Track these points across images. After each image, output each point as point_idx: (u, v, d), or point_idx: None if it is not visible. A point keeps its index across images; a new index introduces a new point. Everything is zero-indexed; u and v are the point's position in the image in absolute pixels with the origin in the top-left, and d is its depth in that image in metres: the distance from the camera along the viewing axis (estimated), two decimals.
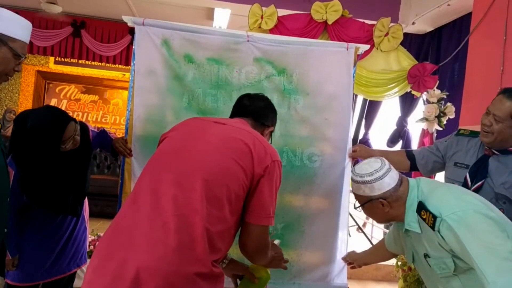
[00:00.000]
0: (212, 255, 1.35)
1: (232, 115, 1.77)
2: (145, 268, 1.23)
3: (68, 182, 2.18)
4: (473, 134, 2.07)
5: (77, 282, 2.42)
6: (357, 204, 1.66)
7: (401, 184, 1.57)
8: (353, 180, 1.63)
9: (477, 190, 1.87)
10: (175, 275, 1.25)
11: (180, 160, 1.42)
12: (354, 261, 2.34)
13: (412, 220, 1.54)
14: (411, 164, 2.32)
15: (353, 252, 2.39)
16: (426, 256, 1.53)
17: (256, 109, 1.72)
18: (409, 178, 1.62)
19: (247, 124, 1.65)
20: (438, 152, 2.21)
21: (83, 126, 2.30)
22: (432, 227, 1.43)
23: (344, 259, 2.42)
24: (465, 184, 1.94)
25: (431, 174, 2.27)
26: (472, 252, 1.34)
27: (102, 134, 2.47)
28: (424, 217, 1.47)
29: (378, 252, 2.20)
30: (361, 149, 2.53)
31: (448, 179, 2.09)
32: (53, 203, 2.12)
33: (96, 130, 2.49)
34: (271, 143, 1.70)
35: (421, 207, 1.50)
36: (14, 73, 1.62)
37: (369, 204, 1.59)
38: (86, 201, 2.47)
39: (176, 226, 1.28)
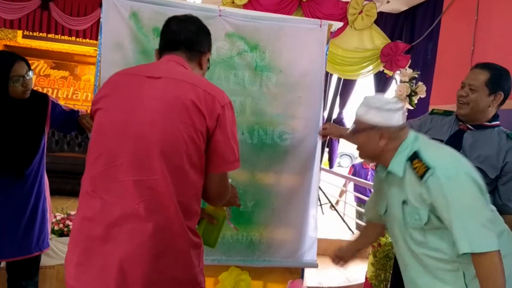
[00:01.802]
0: (191, 221, 1.35)
1: (163, 48, 1.53)
2: (127, 258, 1.23)
3: (14, 135, 2.11)
4: (447, 113, 2.12)
5: None
6: (352, 129, 1.65)
7: (403, 128, 1.59)
8: (365, 104, 1.59)
9: None
10: (158, 258, 1.26)
11: (129, 139, 1.30)
12: (342, 256, 2.17)
13: (397, 164, 1.55)
14: None
15: (338, 250, 2.23)
16: (404, 202, 1.55)
17: (188, 37, 1.50)
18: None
19: (182, 63, 1.47)
20: (411, 128, 2.22)
21: (44, 95, 2.30)
22: (421, 177, 1.46)
23: (333, 260, 2.25)
24: None
25: None
26: (454, 210, 1.39)
27: (70, 111, 2.41)
28: (415, 166, 1.50)
29: (363, 235, 2.18)
30: (331, 127, 2.52)
31: None
32: None
33: (66, 108, 2.42)
34: (208, 68, 1.61)
35: (416, 156, 1.51)
36: None
37: (367, 132, 1.58)
38: (46, 180, 2.37)
39: (147, 211, 1.26)
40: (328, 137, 5.95)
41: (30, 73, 2.18)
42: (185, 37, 1.50)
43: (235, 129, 1.43)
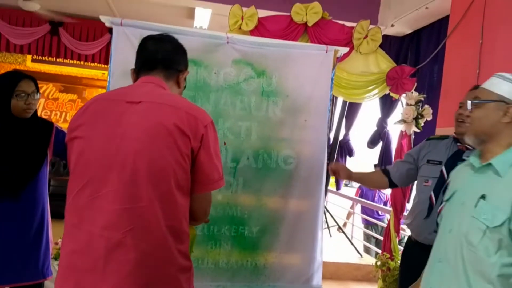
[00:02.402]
0: (182, 244, 1.34)
1: (140, 68, 1.50)
2: None
3: (12, 154, 2.10)
4: (443, 137, 2.20)
5: None
6: (473, 100, 1.48)
7: None
8: (498, 76, 1.47)
9: None
10: (147, 287, 1.25)
11: (114, 169, 1.28)
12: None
13: (504, 163, 1.40)
14: (388, 180, 2.35)
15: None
16: (482, 197, 1.40)
17: (165, 56, 1.48)
18: None
19: (160, 83, 1.45)
20: (410, 157, 2.26)
21: (49, 122, 2.31)
22: None
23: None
24: (441, 178, 2.01)
25: (408, 184, 2.27)
26: None
27: None
28: None
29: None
30: (339, 167, 2.45)
31: (422, 177, 2.14)
32: None
33: None
34: (185, 87, 1.59)
35: None
36: None
37: (491, 105, 1.44)
38: (48, 208, 2.37)
39: (134, 240, 1.25)
40: (335, 159, 5.99)
41: (37, 94, 2.19)
42: (162, 56, 1.48)
43: (218, 148, 1.42)
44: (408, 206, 2.55)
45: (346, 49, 2.80)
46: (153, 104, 1.34)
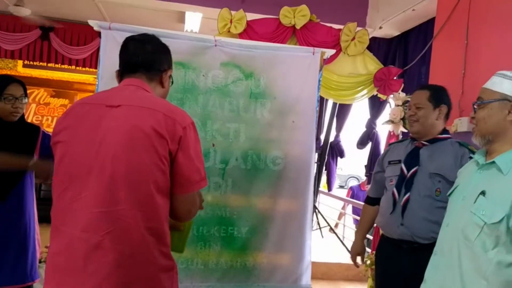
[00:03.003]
0: (165, 245, 1.37)
1: (123, 70, 1.51)
2: None
3: None
4: (402, 140, 2.34)
5: None
6: (476, 102, 1.48)
7: None
8: (499, 75, 1.47)
9: (413, 176, 2.05)
10: (127, 287, 1.28)
11: (92, 173, 1.30)
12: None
13: (507, 161, 1.39)
14: (372, 201, 2.40)
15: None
16: (482, 193, 1.39)
17: (146, 58, 1.47)
18: None
19: (142, 85, 1.45)
20: (379, 162, 2.35)
21: (36, 126, 2.33)
22: None
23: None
24: (401, 174, 2.09)
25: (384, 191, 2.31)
26: None
27: None
28: None
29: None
30: (355, 252, 2.44)
31: (388, 178, 2.21)
32: None
33: None
34: (172, 83, 1.59)
35: None
36: None
37: (495, 104, 1.43)
38: (35, 211, 2.38)
39: (112, 242, 1.27)
40: (326, 160, 6.03)
41: (25, 99, 2.21)
42: (143, 58, 1.47)
43: (199, 148, 1.42)
44: None
45: (332, 51, 2.84)
46: (131, 108, 1.35)
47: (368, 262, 3.35)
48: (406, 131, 3.58)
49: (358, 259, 2.42)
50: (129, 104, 1.36)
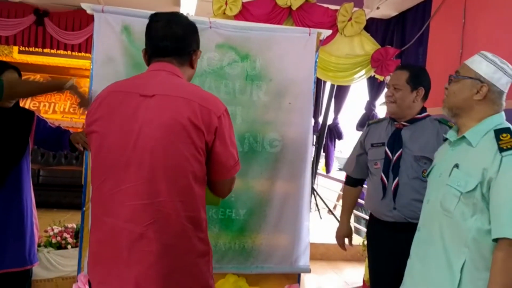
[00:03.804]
0: (202, 231, 1.40)
1: (151, 53, 1.47)
2: (141, 278, 1.28)
3: None
4: (380, 120, 2.32)
5: None
6: (453, 75, 1.56)
7: (502, 100, 1.53)
8: (481, 55, 1.53)
9: (398, 159, 2.05)
10: (169, 275, 1.31)
11: (131, 166, 1.31)
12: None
13: (476, 134, 1.48)
14: (354, 182, 2.40)
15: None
16: (456, 166, 1.49)
17: (176, 43, 1.44)
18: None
19: (174, 70, 1.43)
20: (358, 142, 2.34)
21: (31, 112, 2.33)
22: (502, 150, 1.39)
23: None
24: (386, 157, 2.10)
25: (366, 172, 2.29)
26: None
27: (58, 129, 2.43)
28: (503, 138, 1.42)
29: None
30: (342, 234, 2.45)
31: (371, 161, 2.21)
32: None
33: (53, 125, 2.44)
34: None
35: (508, 131, 1.44)
36: None
37: (468, 81, 1.51)
38: (32, 195, 2.39)
39: (155, 233, 1.30)
40: (324, 142, 6.03)
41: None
42: (173, 44, 1.43)
43: (233, 134, 1.45)
44: None
45: (329, 32, 2.80)
46: (166, 98, 1.34)
47: (366, 242, 3.37)
48: None
49: (346, 241, 2.43)
50: (163, 94, 1.35)
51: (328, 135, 6.06)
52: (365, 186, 2.39)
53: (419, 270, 1.57)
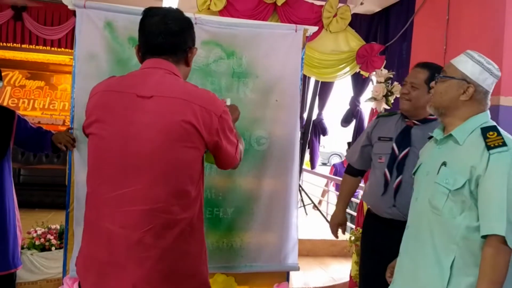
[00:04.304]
0: (197, 232, 1.40)
1: (146, 51, 1.42)
2: (139, 282, 1.27)
3: None
4: (392, 113, 2.29)
5: None
6: (439, 75, 1.57)
7: (487, 99, 1.53)
8: (467, 54, 1.53)
9: (404, 157, 2.04)
10: (168, 277, 1.31)
11: (130, 170, 1.28)
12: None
13: (463, 132, 1.49)
14: (355, 172, 2.38)
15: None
16: (444, 164, 1.49)
17: (172, 41, 1.38)
18: None
19: (171, 68, 1.38)
20: (365, 133, 2.32)
21: (11, 111, 2.29)
22: (490, 148, 1.40)
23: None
24: (393, 154, 2.08)
25: (369, 164, 2.28)
26: (503, 191, 1.34)
27: (39, 130, 2.36)
28: (490, 136, 1.43)
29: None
30: (337, 221, 2.46)
31: (376, 155, 2.20)
32: None
33: (34, 126, 2.38)
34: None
35: (494, 129, 1.45)
36: None
37: (454, 81, 1.51)
38: (14, 197, 2.32)
39: (153, 238, 1.28)
40: (309, 138, 6.04)
41: (0, 83, 2.16)
42: (168, 40, 1.38)
43: (231, 125, 1.45)
44: None
45: (315, 28, 2.79)
46: (165, 99, 1.30)
47: (353, 238, 3.39)
48: (388, 108, 3.59)
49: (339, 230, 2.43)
50: (162, 95, 1.31)
51: (312, 131, 6.07)
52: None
53: (409, 267, 1.59)
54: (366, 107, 4.94)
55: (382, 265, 2.01)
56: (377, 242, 2.13)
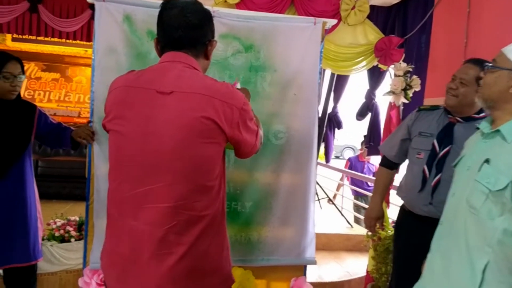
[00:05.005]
0: (220, 226, 1.41)
1: (165, 45, 1.40)
2: (163, 278, 1.28)
3: None
4: (434, 107, 2.18)
5: None
6: (489, 64, 1.46)
7: None
8: None
9: (445, 155, 1.98)
10: (191, 274, 1.31)
11: (151, 167, 1.28)
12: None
13: None
14: (391, 165, 2.37)
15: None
16: (487, 161, 1.39)
17: (192, 34, 1.36)
18: None
19: (190, 62, 1.36)
20: (404, 125, 2.27)
21: (32, 105, 2.32)
22: None
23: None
24: (433, 150, 2.03)
25: (406, 157, 2.25)
26: None
27: (59, 125, 2.38)
28: None
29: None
30: (374, 215, 2.44)
31: (414, 150, 2.15)
32: None
33: (54, 121, 2.40)
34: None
35: None
36: None
37: (505, 73, 1.40)
38: (36, 190, 2.35)
39: (176, 235, 1.29)
40: (324, 131, 6.01)
41: (22, 76, 2.20)
42: (187, 34, 1.35)
43: (251, 114, 1.44)
44: (398, 176, 2.58)
45: (334, 21, 2.75)
46: (185, 95, 1.28)
47: (370, 233, 3.37)
48: (407, 102, 3.55)
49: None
50: (181, 91, 1.28)
51: (327, 124, 6.03)
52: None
53: (440, 265, 1.51)
54: (381, 100, 4.90)
55: (414, 262, 1.98)
56: (411, 239, 2.10)
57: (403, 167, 2.36)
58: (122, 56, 2.37)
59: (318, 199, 5.63)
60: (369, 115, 4.97)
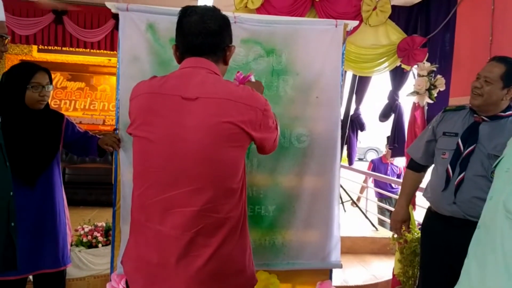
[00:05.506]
0: (243, 227, 1.43)
1: (185, 51, 1.41)
2: (190, 282, 1.30)
3: (27, 144, 2.14)
4: (459, 107, 2.17)
5: None
6: None
7: None
8: None
9: (469, 154, 1.96)
10: (216, 277, 1.33)
11: (179, 172, 1.29)
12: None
13: None
14: (418, 167, 2.35)
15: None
16: None
17: (212, 41, 1.37)
18: None
19: (212, 67, 1.38)
20: (432, 134, 2.24)
21: (60, 114, 2.38)
22: None
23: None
24: (457, 150, 2.01)
25: (433, 159, 2.22)
26: None
27: (85, 134, 2.43)
28: None
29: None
30: (401, 218, 2.42)
31: (439, 150, 2.13)
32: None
33: (81, 130, 2.45)
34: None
35: None
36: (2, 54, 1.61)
37: None
38: (64, 197, 2.40)
39: (203, 238, 1.31)
40: (346, 133, 5.96)
41: (50, 86, 2.25)
42: (208, 40, 1.37)
43: (272, 112, 1.47)
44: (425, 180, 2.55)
45: (356, 23, 2.73)
46: (210, 101, 1.31)
47: (396, 235, 3.32)
48: (431, 102, 3.49)
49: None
50: (206, 97, 1.31)
51: (350, 126, 5.99)
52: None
53: (476, 272, 1.44)
54: (405, 101, 4.84)
55: (441, 265, 1.95)
56: (437, 241, 2.09)
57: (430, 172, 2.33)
58: (146, 64, 2.41)
59: (342, 202, 5.58)
60: (392, 116, 4.91)
